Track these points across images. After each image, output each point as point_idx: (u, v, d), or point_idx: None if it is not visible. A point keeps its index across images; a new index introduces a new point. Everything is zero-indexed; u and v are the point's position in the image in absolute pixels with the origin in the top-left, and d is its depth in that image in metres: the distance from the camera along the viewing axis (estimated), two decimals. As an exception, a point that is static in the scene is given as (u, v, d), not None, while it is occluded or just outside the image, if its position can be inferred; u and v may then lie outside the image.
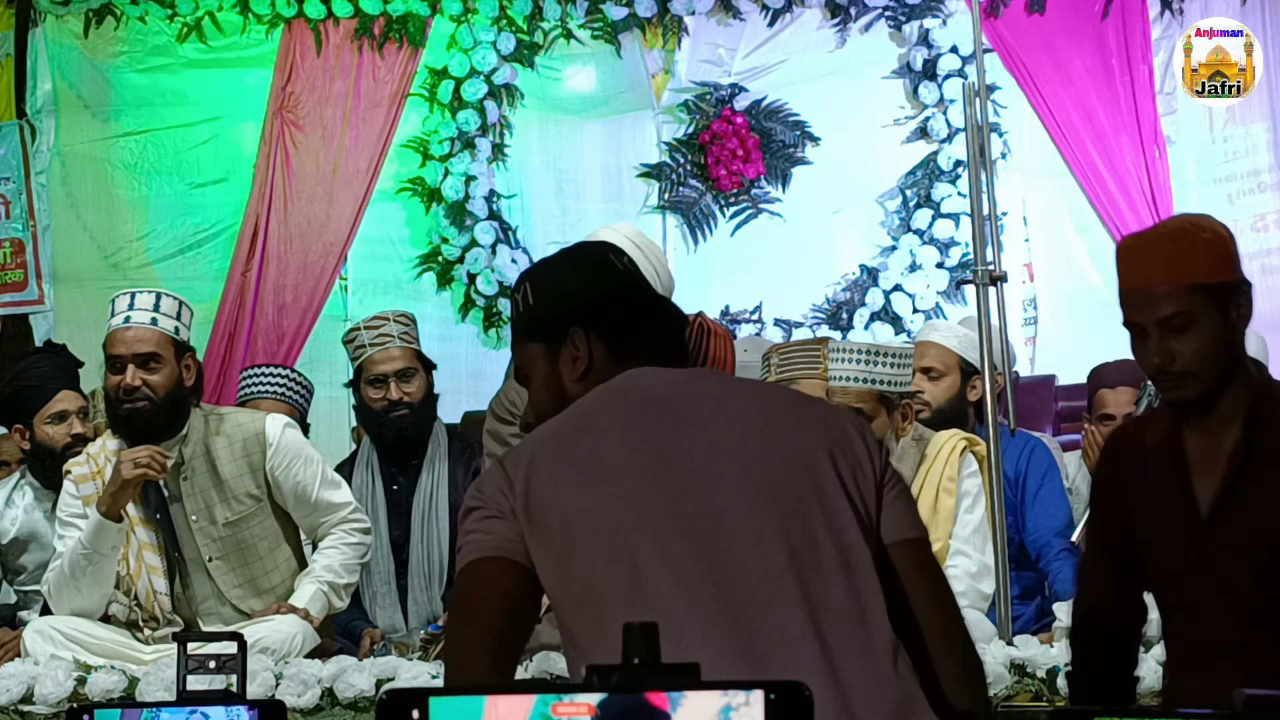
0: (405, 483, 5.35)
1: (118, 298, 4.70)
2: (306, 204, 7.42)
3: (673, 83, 7.69)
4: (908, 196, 7.50)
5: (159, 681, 3.98)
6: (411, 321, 5.45)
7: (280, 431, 4.72)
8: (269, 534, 4.71)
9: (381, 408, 5.29)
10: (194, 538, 4.64)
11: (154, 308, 4.64)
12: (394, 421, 5.29)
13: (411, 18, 7.48)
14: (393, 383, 5.29)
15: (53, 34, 7.52)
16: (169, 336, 4.62)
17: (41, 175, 7.44)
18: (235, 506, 4.66)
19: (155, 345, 4.59)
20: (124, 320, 4.62)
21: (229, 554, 4.65)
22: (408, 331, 5.38)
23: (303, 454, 4.74)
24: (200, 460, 4.65)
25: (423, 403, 5.33)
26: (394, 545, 5.29)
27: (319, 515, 4.75)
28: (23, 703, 4.11)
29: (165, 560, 4.64)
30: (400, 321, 5.40)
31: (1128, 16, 7.21)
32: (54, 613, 4.62)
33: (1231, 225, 6.56)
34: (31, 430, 5.27)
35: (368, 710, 4.03)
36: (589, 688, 1.56)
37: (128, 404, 4.57)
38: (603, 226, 4.95)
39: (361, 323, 5.48)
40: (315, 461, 4.76)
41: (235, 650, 2.84)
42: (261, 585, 4.70)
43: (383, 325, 5.37)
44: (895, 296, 7.41)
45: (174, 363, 4.62)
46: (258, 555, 4.68)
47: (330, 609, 4.70)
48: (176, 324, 4.65)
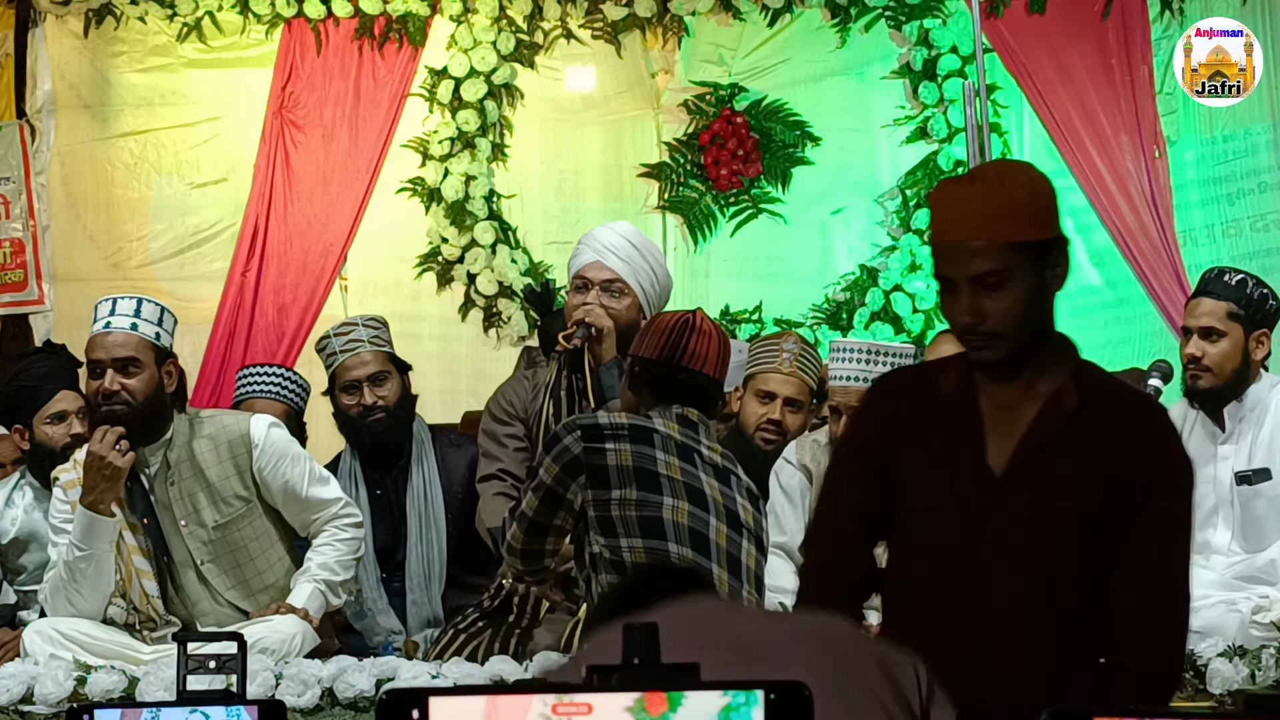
0: (391, 486, 5.34)
1: (100, 303, 4.73)
2: (306, 204, 7.41)
3: (673, 83, 7.69)
4: (908, 196, 7.50)
5: (159, 681, 3.99)
6: (383, 325, 5.43)
7: (265, 431, 4.72)
8: (260, 534, 4.71)
9: (357, 413, 5.28)
10: (184, 542, 4.64)
11: (134, 313, 4.66)
12: (370, 426, 5.28)
13: (411, 18, 7.48)
14: (366, 387, 5.27)
15: (53, 34, 7.52)
16: (149, 342, 4.63)
17: (41, 175, 7.44)
18: (224, 509, 4.66)
19: (134, 350, 4.61)
20: (104, 325, 4.64)
21: (220, 556, 4.65)
22: (378, 335, 5.36)
23: (289, 452, 4.74)
24: (186, 464, 4.65)
25: (398, 405, 5.31)
26: (382, 551, 5.27)
27: (310, 512, 4.75)
28: (23, 703, 4.11)
29: (155, 564, 4.65)
30: (370, 326, 5.38)
31: (1128, 16, 7.20)
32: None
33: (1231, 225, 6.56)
34: (31, 430, 5.27)
35: (368, 710, 4.04)
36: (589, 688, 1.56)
37: (106, 408, 4.59)
38: (600, 226, 4.94)
39: (331, 330, 5.47)
40: (302, 459, 4.76)
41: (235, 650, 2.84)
42: (255, 586, 4.70)
43: (351, 331, 5.36)
44: (895, 296, 7.41)
45: (154, 368, 4.63)
46: (249, 556, 4.69)
47: (328, 607, 4.70)
48: (158, 329, 4.67)
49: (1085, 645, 2.87)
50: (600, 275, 4.66)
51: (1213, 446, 4.70)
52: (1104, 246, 7.23)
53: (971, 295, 2.81)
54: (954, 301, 2.85)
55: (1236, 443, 4.65)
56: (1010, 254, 2.79)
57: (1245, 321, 4.67)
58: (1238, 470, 4.59)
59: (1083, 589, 2.86)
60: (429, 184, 7.56)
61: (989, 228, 2.79)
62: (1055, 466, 2.86)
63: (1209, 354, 4.66)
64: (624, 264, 4.65)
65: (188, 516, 4.63)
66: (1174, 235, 7.03)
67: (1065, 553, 2.86)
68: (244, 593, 4.68)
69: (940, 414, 2.93)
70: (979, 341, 2.85)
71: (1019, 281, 2.80)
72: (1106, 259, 7.26)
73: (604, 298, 4.62)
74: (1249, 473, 4.58)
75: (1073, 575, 2.86)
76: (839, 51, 7.59)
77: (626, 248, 4.71)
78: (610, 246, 4.69)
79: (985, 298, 2.81)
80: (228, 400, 6.43)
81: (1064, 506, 2.85)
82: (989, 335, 2.83)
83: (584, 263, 4.72)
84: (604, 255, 4.68)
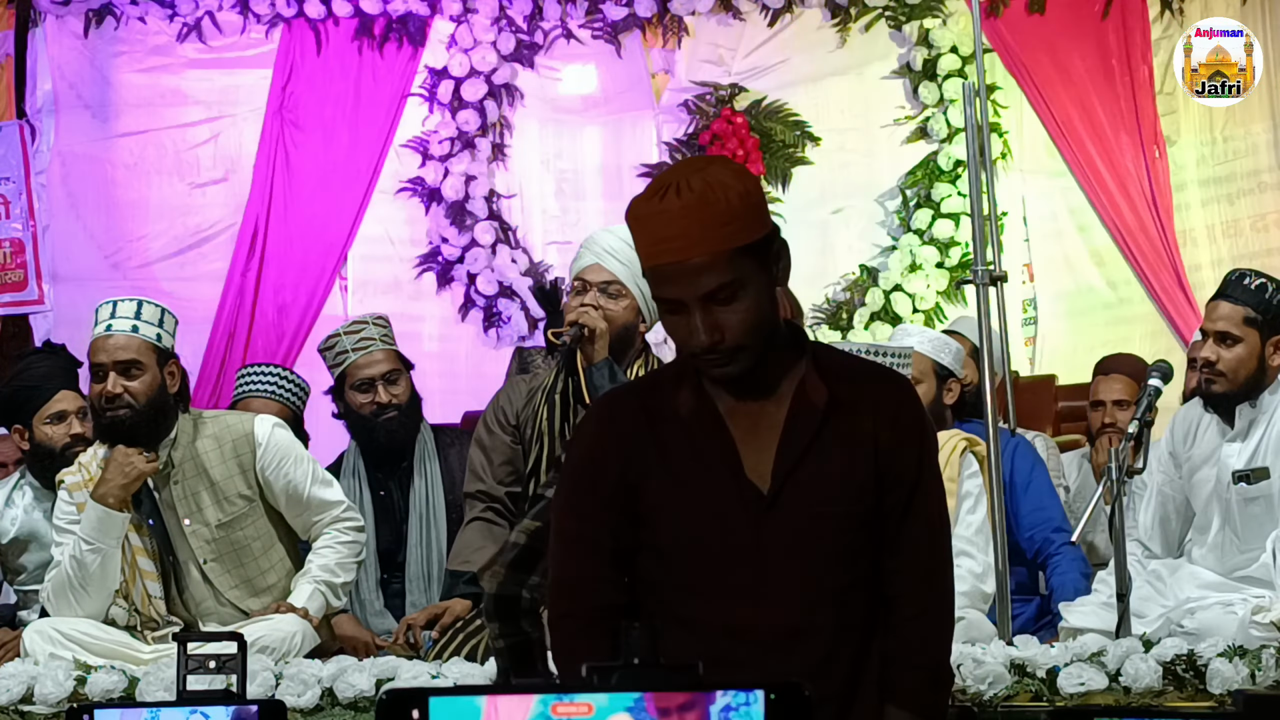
0: (395, 487, 5.34)
1: (100, 306, 4.74)
2: (306, 204, 7.42)
3: (673, 83, 7.69)
4: (908, 196, 7.50)
5: (159, 681, 3.98)
6: (388, 323, 5.44)
7: (269, 431, 4.73)
8: (262, 534, 4.72)
9: (370, 411, 5.28)
10: (187, 541, 4.65)
11: (135, 315, 4.66)
12: (384, 425, 5.28)
13: (411, 18, 7.48)
14: (380, 385, 5.28)
15: (53, 34, 7.52)
16: (150, 344, 4.65)
17: (41, 175, 7.44)
18: (227, 508, 4.67)
19: (136, 352, 4.62)
20: (105, 329, 4.65)
21: (223, 555, 4.66)
22: (388, 334, 5.38)
23: (292, 453, 4.75)
24: (189, 464, 4.66)
25: (409, 403, 5.33)
26: (384, 553, 5.27)
27: (312, 514, 4.75)
28: (23, 703, 4.11)
29: (159, 565, 4.65)
30: (379, 324, 5.39)
31: (1128, 16, 7.21)
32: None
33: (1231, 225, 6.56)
34: (31, 430, 5.27)
35: (368, 710, 4.03)
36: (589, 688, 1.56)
37: (110, 411, 4.60)
38: (600, 230, 4.93)
39: (341, 329, 5.46)
40: (305, 460, 4.77)
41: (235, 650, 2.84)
42: (258, 585, 4.70)
43: (363, 329, 5.36)
44: (895, 296, 7.41)
45: (156, 369, 4.64)
46: (252, 555, 4.69)
47: (328, 608, 4.70)
48: (159, 331, 4.67)
49: (875, 659, 2.74)
50: (599, 277, 4.67)
51: (1219, 447, 4.68)
52: (1104, 246, 7.23)
53: (704, 313, 2.60)
54: (684, 322, 2.63)
55: (1243, 441, 4.63)
56: (736, 262, 2.59)
57: (1263, 327, 4.61)
58: (1236, 470, 4.58)
59: (871, 593, 2.74)
60: (429, 184, 7.57)
61: (707, 240, 2.58)
62: (822, 469, 2.70)
63: (1224, 359, 4.61)
64: (623, 267, 4.65)
65: (191, 515, 4.64)
66: (1174, 235, 7.03)
67: (850, 556, 2.72)
68: (247, 592, 4.69)
69: (682, 435, 2.72)
70: (722, 359, 2.65)
71: (750, 288, 2.61)
72: (1106, 259, 7.27)
73: (601, 299, 4.63)
74: (1247, 472, 4.56)
75: (862, 579, 2.73)
76: (839, 51, 7.59)
77: (626, 251, 4.71)
78: (610, 250, 4.69)
79: (719, 312, 2.61)
80: (227, 400, 6.43)
81: (841, 509, 2.70)
82: (732, 350, 2.63)
83: (583, 265, 4.72)
84: (602, 258, 4.68)
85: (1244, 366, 4.61)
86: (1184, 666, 3.93)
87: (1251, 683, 3.86)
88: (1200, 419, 4.75)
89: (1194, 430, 4.77)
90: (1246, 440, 4.63)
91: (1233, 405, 4.64)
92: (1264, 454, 4.59)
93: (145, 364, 4.63)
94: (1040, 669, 3.97)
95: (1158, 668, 3.92)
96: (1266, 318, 4.60)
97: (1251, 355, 4.61)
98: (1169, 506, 4.83)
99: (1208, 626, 4.29)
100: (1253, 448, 4.61)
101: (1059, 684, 3.93)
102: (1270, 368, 4.62)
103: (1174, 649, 3.96)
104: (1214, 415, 4.70)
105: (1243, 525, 4.62)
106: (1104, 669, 3.94)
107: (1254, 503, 4.61)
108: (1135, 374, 5.75)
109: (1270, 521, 4.58)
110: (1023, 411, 5.71)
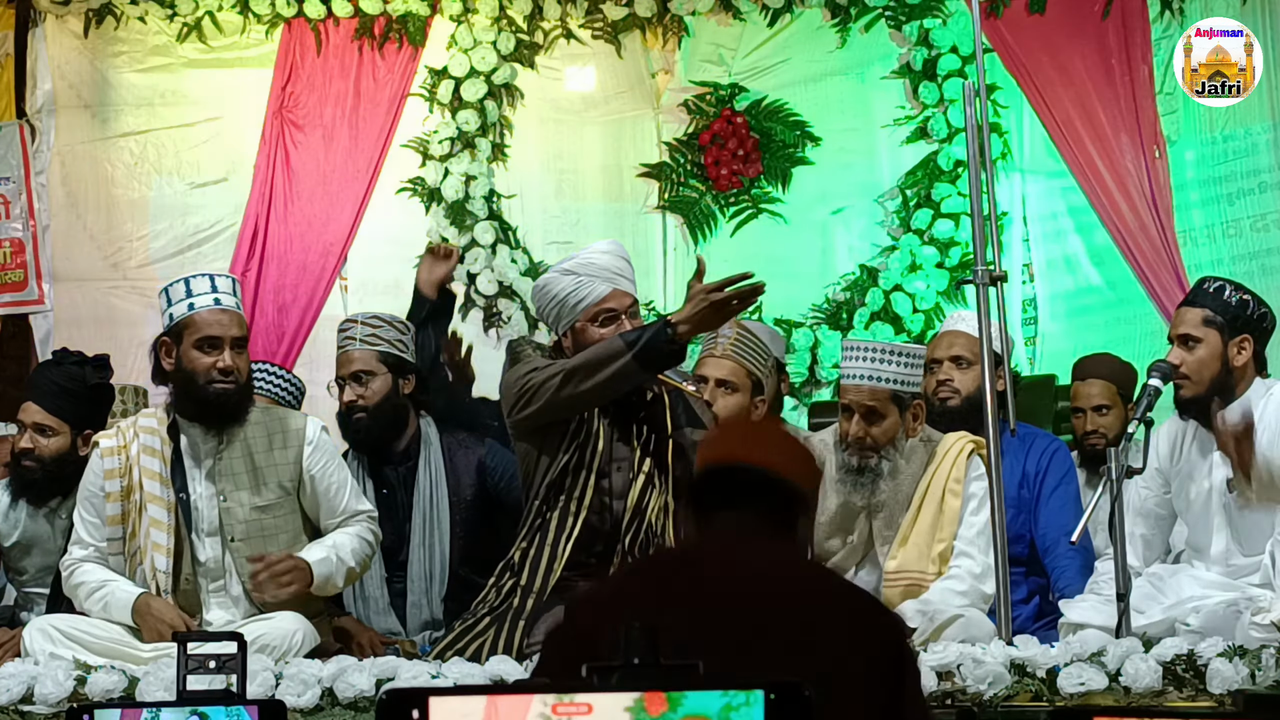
0: (398, 485, 5.34)
1: (193, 279, 4.75)
2: (306, 204, 7.41)
3: (673, 83, 7.69)
4: (908, 196, 7.50)
5: (159, 681, 3.98)
6: (385, 323, 5.40)
7: (319, 431, 4.83)
8: (290, 529, 4.75)
9: (343, 409, 5.34)
10: (220, 515, 4.68)
11: (232, 291, 4.78)
12: (353, 424, 5.31)
13: (411, 18, 7.48)
14: (348, 385, 5.31)
15: (53, 34, 7.52)
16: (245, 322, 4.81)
17: (41, 175, 7.44)
18: (265, 494, 4.72)
19: (242, 330, 4.74)
20: (214, 301, 4.69)
21: (251, 537, 4.69)
22: (374, 333, 5.35)
23: (337, 457, 4.87)
24: (239, 444, 4.71)
25: (381, 404, 5.30)
26: (386, 551, 5.27)
27: (341, 518, 4.80)
28: (23, 703, 4.11)
29: (173, 538, 4.65)
30: (369, 324, 5.38)
31: (1128, 16, 7.20)
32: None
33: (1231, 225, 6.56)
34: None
35: (368, 710, 4.03)
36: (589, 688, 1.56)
37: (220, 384, 4.65)
38: (594, 253, 4.75)
39: (343, 321, 5.57)
40: (344, 466, 4.89)
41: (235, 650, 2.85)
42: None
43: (350, 328, 5.41)
44: (895, 296, 7.41)
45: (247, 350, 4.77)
46: (277, 546, 4.71)
47: (328, 584, 4.68)
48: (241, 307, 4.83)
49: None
50: (624, 303, 4.59)
51: (1206, 456, 4.69)
52: (1104, 246, 7.23)
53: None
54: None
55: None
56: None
57: (1222, 328, 4.64)
58: (1229, 477, 4.58)
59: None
60: (429, 184, 7.57)
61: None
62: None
63: (1187, 361, 4.65)
64: (631, 283, 4.65)
65: (230, 493, 4.68)
66: (1174, 235, 7.02)
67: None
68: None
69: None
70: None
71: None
72: (1106, 259, 7.26)
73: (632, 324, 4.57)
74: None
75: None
76: (839, 51, 7.60)
77: (629, 269, 4.69)
78: (620, 272, 4.63)
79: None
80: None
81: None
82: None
83: (601, 294, 4.60)
84: (617, 281, 4.61)
85: (1207, 368, 4.64)
86: (1184, 666, 3.94)
87: (1251, 683, 3.86)
88: (1183, 432, 4.77)
89: (1179, 444, 4.78)
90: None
91: (1205, 409, 4.64)
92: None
93: (245, 342, 4.74)
94: (1040, 669, 3.97)
95: (1158, 668, 3.93)
96: (1226, 318, 4.64)
97: (1213, 356, 4.64)
98: (1151, 521, 4.85)
99: (1210, 626, 4.29)
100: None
101: (1059, 684, 3.93)
102: (1235, 368, 4.64)
103: (1174, 649, 3.97)
104: (1196, 424, 4.72)
105: (1240, 530, 4.63)
106: (1104, 669, 3.95)
107: (1250, 508, 4.61)
108: (1111, 375, 5.77)
109: (1267, 523, 4.58)
110: (1023, 411, 5.70)
